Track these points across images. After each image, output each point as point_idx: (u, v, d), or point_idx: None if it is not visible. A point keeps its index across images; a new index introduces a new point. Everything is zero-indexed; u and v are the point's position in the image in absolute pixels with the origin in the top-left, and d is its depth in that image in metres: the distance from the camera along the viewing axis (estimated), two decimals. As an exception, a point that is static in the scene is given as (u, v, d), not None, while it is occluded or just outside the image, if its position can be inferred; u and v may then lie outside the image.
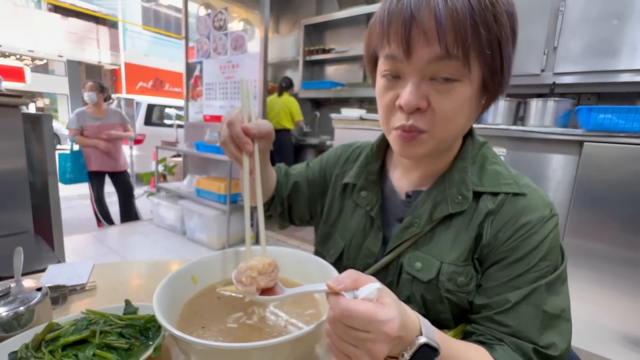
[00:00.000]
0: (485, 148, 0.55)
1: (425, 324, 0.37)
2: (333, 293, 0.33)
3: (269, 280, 0.43)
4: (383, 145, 0.63)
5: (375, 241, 0.58)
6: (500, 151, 1.78)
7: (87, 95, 3.00)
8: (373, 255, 0.58)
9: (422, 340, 0.35)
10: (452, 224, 0.51)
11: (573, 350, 0.55)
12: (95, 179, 3.15)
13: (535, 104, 1.82)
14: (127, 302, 0.52)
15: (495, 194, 0.50)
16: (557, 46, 2.05)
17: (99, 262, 0.74)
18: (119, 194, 3.36)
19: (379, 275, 0.57)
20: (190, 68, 3.49)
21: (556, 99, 1.75)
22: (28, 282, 0.51)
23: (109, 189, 3.31)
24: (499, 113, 1.94)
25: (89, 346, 0.43)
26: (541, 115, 1.79)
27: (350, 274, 0.34)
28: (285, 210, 0.70)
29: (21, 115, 1.28)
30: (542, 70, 2.14)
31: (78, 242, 2.86)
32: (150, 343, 0.46)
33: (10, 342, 0.43)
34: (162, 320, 0.38)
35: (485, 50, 0.41)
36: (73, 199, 4.59)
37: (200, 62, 3.31)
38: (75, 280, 0.65)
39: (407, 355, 0.35)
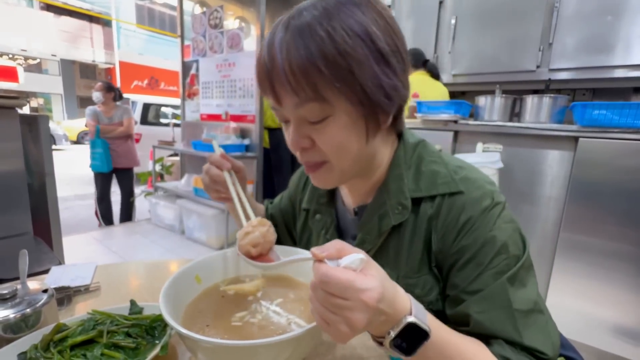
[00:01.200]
0: (421, 148, 0.53)
1: (417, 306, 0.36)
2: (317, 260, 0.34)
3: (262, 247, 0.46)
4: None
5: None
6: (496, 147, 1.79)
7: (95, 95, 3.17)
8: None
9: (410, 319, 0.34)
10: (400, 235, 0.51)
11: (569, 341, 0.56)
12: (103, 178, 3.24)
13: (530, 101, 1.84)
14: (133, 302, 0.53)
15: (433, 197, 0.48)
16: (552, 42, 2.07)
17: (98, 262, 0.75)
18: (122, 193, 3.40)
19: None
20: (186, 67, 3.47)
21: (551, 95, 1.77)
22: (33, 284, 0.52)
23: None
24: (495, 109, 1.95)
25: (96, 346, 0.44)
26: (537, 112, 1.80)
27: (335, 243, 0.35)
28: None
29: (18, 117, 1.28)
30: (538, 67, 2.16)
31: (76, 243, 2.85)
32: (157, 342, 0.47)
33: (19, 343, 0.44)
34: (169, 319, 0.39)
35: (335, 84, 0.40)
36: (70, 199, 4.57)
37: (197, 61, 3.30)
38: (79, 281, 0.66)
39: (392, 334, 0.35)
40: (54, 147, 9.78)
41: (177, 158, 4.01)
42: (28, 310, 0.47)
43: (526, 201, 1.68)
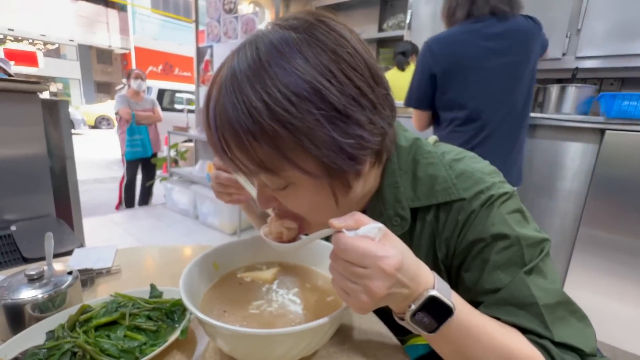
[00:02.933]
0: (415, 149, 0.47)
1: (441, 282, 0.35)
2: (336, 231, 0.34)
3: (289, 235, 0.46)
4: None
5: None
6: (517, 139, 1.74)
7: (137, 84, 3.24)
8: None
9: (432, 292, 0.33)
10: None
11: None
12: (135, 164, 3.36)
13: (555, 90, 1.76)
14: (153, 287, 0.54)
15: (429, 206, 0.45)
16: (581, 28, 1.96)
17: (116, 244, 0.76)
18: (144, 177, 3.53)
19: None
20: (200, 52, 3.47)
21: (577, 84, 1.69)
22: (59, 266, 0.54)
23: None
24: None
25: (119, 327, 0.45)
26: (561, 102, 1.73)
27: (353, 213, 0.34)
28: None
29: (40, 102, 1.31)
30: (564, 54, 2.06)
31: (95, 225, 2.95)
32: (176, 326, 0.48)
33: (46, 322, 0.46)
34: (189, 305, 0.40)
35: (282, 159, 0.35)
36: (88, 182, 4.70)
37: (211, 47, 3.29)
38: (100, 263, 0.67)
39: (414, 307, 0.34)
40: (72, 131, 10.04)
41: (192, 144, 4.05)
42: (55, 291, 0.48)
43: (545, 195, 1.64)
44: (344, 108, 0.35)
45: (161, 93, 5.85)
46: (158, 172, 4.22)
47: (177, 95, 6.12)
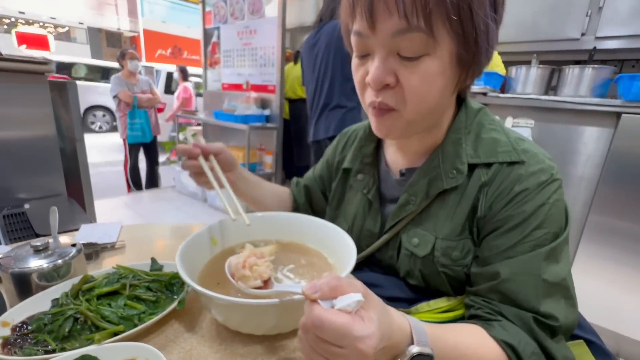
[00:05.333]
0: (482, 115, 0.53)
1: (416, 328, 0.36)
2: (309, 299, 0.31)
3: (267, 268, 0.43)
4: None
5: (374, 222, 0.58)
6: (527, 123, 1.69)
7: (133, 64, 3.13)
8: (374, 236, 0.58)
9: (415, 350, 0.34)
10: (447, 199, 0.50)
11: (590, 324, 0.54)
12: (137, 148, 3.34)
13: (570, 72, 1.69)
14: (153, 260, 0.56)
15: (490, 164, 0.48)
16: (603, 6, 1.87)
17: (121, 221, 0.79)
18: (148, 161, 3.53)
19: (380, 251, 0.58)
20: (207, 34, 3.43)
21: (595, 66, 1.62)
22: (64, 239, 0.56)
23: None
24: (529, 82, 1.82)
25: (120, 297, 0.47)
26: (577, 84, 1.66)
27: (330, 280, 0.31)
28: (310, 211, 0.74)
29: (48, 83, 1.32)
30: (583, 34, 1.97)
31: (107, 206, 3.03)
32: (175, 297, 0.49)
33: (52, 290, 0.48)
34: (184, 275, 0.41)
35: (452, 16, 0.38)
36: (100, 165, 4.79)
37: (218, 28, 3.25)
38: (106, 238, 0.70)
39: None
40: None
41: (200, 128, 4.07)
42: (59, 261, 0.50)
43: (555, 180, 1.60)
44: (499, 15, 0.43)
45: (170, 76, 5.84)
46: (167, 155, 4.28)
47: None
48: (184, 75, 4.47)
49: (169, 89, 5.79)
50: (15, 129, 1.28)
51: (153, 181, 3.67)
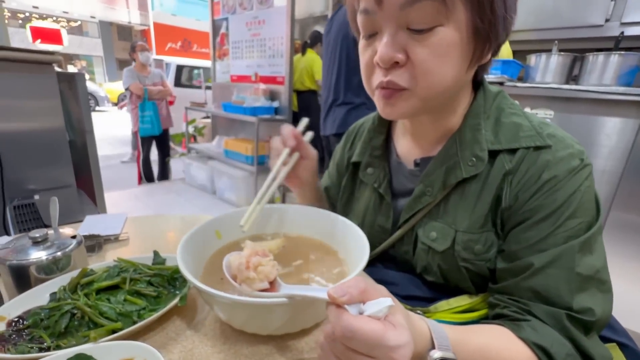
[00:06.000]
0: (501, 98, 0.49)
1: (437, 331, 0.33)
2: (334, 304, 0.28)
3: (273, 268, 0.39)
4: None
5: (386, 218, 0.55)
6: (546, 113, 1.61)
7: (144, 56, 3.12)
8: (387, 231, 0.55)
9: (437, 355, 0.32)
10: (467, 189, 0.47)
11: (621, 325, 0.50)
12: (149, 140, 3.35)
13: (594, 60, 1.61)
14: (156, 253, 0.54)
15: (513, 151, 0.44)
16: (630, -11, 1.76)
17: (126, 212, 0.77)
18: (159, 153, 3.54)
19: (394, 247, 0.54)
20: (216, 26, 3.40)
21: (621, 52, 1.53)
22: (65, 230, 0.54)
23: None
24: (549, 70, 1.74)
25: (120, 292, 0.45)
26: (601, 73, 1.58)
27: (358, 282, 0.28)
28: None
29: (55, 74, 1.31)
30: (607, 20, 1.86)
31: (118, 199, 3.06)
32: (177, 292, 0.47)
33: (50, 283, 0.46)
34: (185, 271, 0.38)
35: None
36: (112, 158, 4.85)
37: (226, 19, 3.21)
38: (110, 230, 0.68)
39: None
40: (97, 108, 10.31)
41: (209, 120, 4.07)
42: (58, 253, 0.48)
43: (575, 174, 1.53)
44: None
45: (179, 69, 5.83)
46: (178, 149, 4.29)
47: (195, 71, 6.10)
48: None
49: (179, 82, 5.80)
50: (25, 121, 1.28)
51: (164, 174, 3.70)
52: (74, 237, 0.52)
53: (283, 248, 0.53)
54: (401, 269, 0.54)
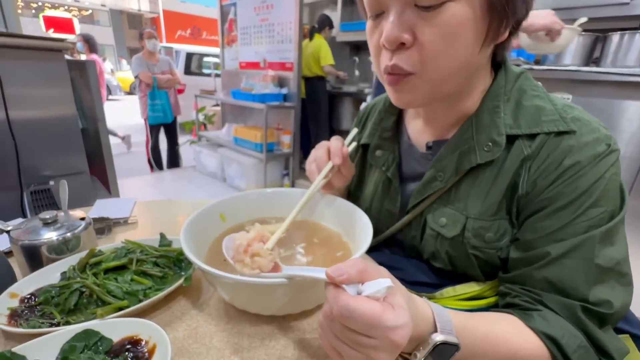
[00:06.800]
0: (523, 79, 0.46)
1: (440, 315, 0.32)
2: (333, 284, 0.28)
3: (271, 262, 0.39)
4: None
5: (394, 202, 0.54)
6: (565, 97, 1.55)
7: (151, 44, 3.10)
8: (394, 216, 0.54)
9: (439, 338, 0.31)
10: (480, 175, 0.45)
11: (636, 317, 0.48)
12: (158, 128, 3.38)
13: (617, 40, 1.53)
14: (162, 236, 0.55)
15: (533, 136, 0.41)
16: (659, -37, 1.65)
17: (135, 197, 0.78)
18: (168, 141, 3.58)
19: (402, 232, 0.54)
20: (224, 11, 3.36)
21: (647, 31, 1.44)
22: (75, 213, 0.55)
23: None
24: (568, 51, 1.66)
25: (127, 272, 0.46)
26: (624, 54, 1.50)
27: (356, 262, 0.28)
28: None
29: (65, 61, 1.32)
30: (633, -3, 1.76)
31: (131, 185, 3.12)
32: (182, 273, 0.48)
33: (61, 263, 0.47)
34: (188, 252, 0.38)
35: None
36: (125, 145, 4.93)
37: (234, 4, 3.17)
38: (119, 214, 0.69)
39: (420, 356, 0.31)
40: (109, 97, 10.45)
41: (219, 108, 4.08)
42: (68, 234, 0.49)
43: (592, 160, 1.48)
44: None
45: (189, 57, 5.83)
46: (188, 137, 4.33)
47: (205, 59, 6.08)
48: (90, 46, 3.56)
49: (188, 70, 5.80)
50: (38, 109, 1.30)
51: (174, 161, 3.74)
52: (82, 219, 0.53)
53: (287, 231, 0.53)
54: (408, 254, 0.54)
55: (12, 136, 1.21)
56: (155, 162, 3.55)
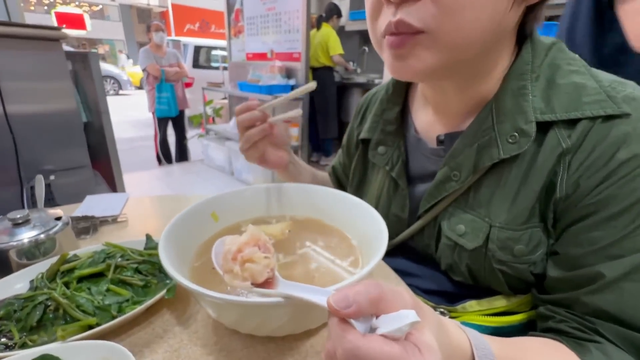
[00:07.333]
0: (556, 52, 0.37)
1: (479, 347, 0.26)
2: (337, 317, 0.20)
3: (266, 269, 0.30)
4: (401, 84, 0.48)
5: (401, 207, 0.46)
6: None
7: (158, 36, 3.05)
8: (403, 222, 0.46)
9: None
10: (505, 173, 0.37)
11: None
12: (166, 122, 3.34)
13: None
14: (148, 237, 0.49)
15: (572, 122, 0.33)
16: None
17: (127, 193, 0.72)
18: (176, 135, 3.55)
19: (414, 239, 0.46)
20: (230, 2, 3.28)
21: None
22: (53, 212, 0.49)
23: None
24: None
25: (104, 280, 0.40)
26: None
27: (369, 287, 0.20)
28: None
29: (63, 51, 1.27)
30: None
31: (138, 179, 3.11)
32: (168, 282, 0.42)
33: (32, 269, 0.42)
34: (166, 262, 0.32)
35: None
36: (135, 140, 4.94)
37: (241, -7, 3.09)
38: (108, 211, 0.64)
39: None
40: (120, 92, 10.54)
41: (227, 101, 4.03)
42: (42, 236, 0.44)
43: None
44: None
45: (197, 50, 5.78)
46: (197, 130, 4.31)
47: (213, 52, 6.03)
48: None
49: (196, 63, 5.76)
50: (37, 102, 1.25)
51: (182, 155, 3.72)
52: (59, 218, 0.47)
53: (288, 233, 0.46)
54: (423, 261, 0.46)
55: (10, 130, 1.17)
56: (164, 155, 3.54)
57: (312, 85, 0.47)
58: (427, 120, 0.46)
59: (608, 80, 0.34)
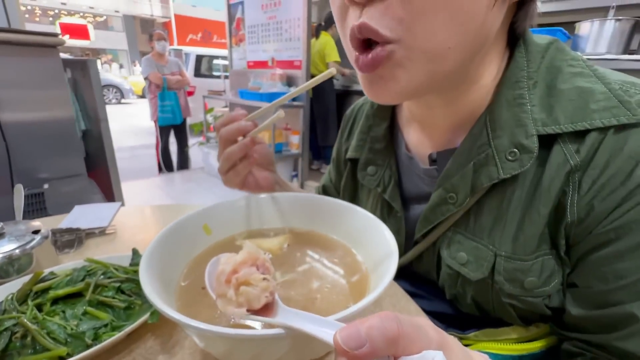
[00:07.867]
0: (554, 52, 0.33)
1: None
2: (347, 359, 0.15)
3: (264, 292, 0.26)
4: None
5: (397, 231, 0.42)
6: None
7: (160, 45, 3.08)
8: (400, 247, 0.42)
9: None
10: (508, 194, 0.32)
11: None
12: (168, 130, 3.34)
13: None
14: (135, 252, 0.45)
15: (581, 134, 0.29)
16: None
17: (119, 203, 0.69)
18: (178, 143, 3.53)
19: (412, 266, 0.42)
20: (232, 11, 3.30)
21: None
22: (32, 224, 0.45)
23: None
24: (603, 39, 1.51)
25: (81, 302, 0.36)
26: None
27: (386, 322, 0.15)
28: None
29: (60, 58, 1.25)
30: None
31: (138, 188, 3.08)
32: (153, 303, 0.37)
33: (1, 289, 0.38)
34: (145, 281, 0.28)
35: None
36: (137, 148, 4.94)
37: (242, 2, 3.10)
38: (96, 222, 0.60)
39: None
40: (122, 101, 10.60)
41: (227, 109, 4.02)
42: (16, 251, 0.40)
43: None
44: None
45: (199, 59, 5.82)
46: (198, 138, 4.29)
47: (215, 62, 6.07)
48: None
49: (198, 72, 5.79)
50: (32, 109, 1.23)
51: (183, 163, 3.70)
52: (37, 232, 0.43)
53: (287, 247, 0.42)
54: (428, 284, 0.42)
55: (3, 137, 1.14)
56: (165, 164, 3.53)
57: (309, 86, 0.44)
58: (416, 137, 0.42)
59: (617, 81, 0.30)
